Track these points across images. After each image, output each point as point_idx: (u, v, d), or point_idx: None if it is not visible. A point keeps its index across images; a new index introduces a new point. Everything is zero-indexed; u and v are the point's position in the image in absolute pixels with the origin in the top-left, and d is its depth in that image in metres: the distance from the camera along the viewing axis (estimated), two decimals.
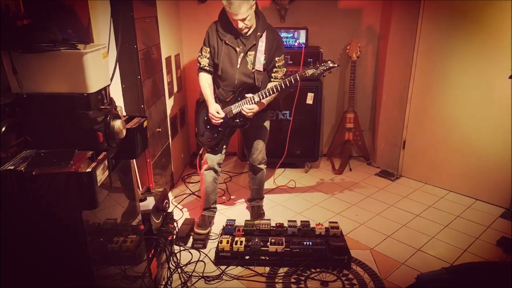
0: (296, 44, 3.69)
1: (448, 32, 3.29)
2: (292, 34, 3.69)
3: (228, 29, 2.50)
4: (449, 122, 3.45)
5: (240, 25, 2.41)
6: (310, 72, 2.47)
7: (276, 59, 2.59)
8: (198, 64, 2.66)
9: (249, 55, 2.54)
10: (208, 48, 2.60)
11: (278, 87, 2.50)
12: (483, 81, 3.16)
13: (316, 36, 3.93)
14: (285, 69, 2.65)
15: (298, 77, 2.47)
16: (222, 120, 2.61)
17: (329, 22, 3.91)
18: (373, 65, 4.07)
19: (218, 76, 2.62)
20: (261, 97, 2.53)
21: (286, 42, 3.68)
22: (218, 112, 2.59)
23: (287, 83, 2.48)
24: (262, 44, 2.53)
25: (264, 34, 2.54)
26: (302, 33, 3.68)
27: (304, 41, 3.68)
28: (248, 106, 2.55)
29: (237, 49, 2.53)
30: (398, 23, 3.61)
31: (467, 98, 3.29)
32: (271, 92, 2.51)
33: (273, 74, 2.64)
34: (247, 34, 2.52)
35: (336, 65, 2.49)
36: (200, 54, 2.64)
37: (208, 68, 2.64)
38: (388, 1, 3.71)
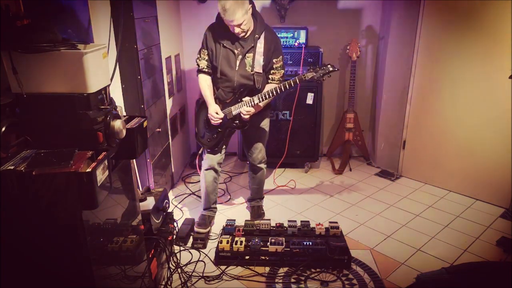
0: (296, 44, 3.69)
1: (448, 32, 3.29)
2: (292, 34, 3.69)
3: (226, 31, 2.48)
4: (449, 122, 3.45)
5: (237, 30, 2.40)
6: (309, 75, 2.46)
7: (274, 60, 2.58)
8: (197, 66, 2.66)
9: (247, 57, 2.53)
10: (206, 51, 2.59)
11: (278, 90, 2.49)
12: (483, 81, 3.16)
13: (316, 36, 3.93)
14: (283, 71, 2.64)
15: (297, 80, 2.46)
16: (221, 121, 2.61)
17: (329, 22, 3.91)
18: (373, 65, 4.08)
19: (218, 78, 2.61)
20: (260, 99, 2.53)
21: (286, 42, 3.68)
22: (217, 113, 2.58)
23: (287, 86, 2.47)
24: (260, 46, 2.52)
25: (262, 36, 2.53)
26: (302, 33, 3.68)
27: (304, 41, 3.68)
28: (245, 108, 2.54)
29: (235, 51, 2.52)
30: (398, 23, 3.61)
31: (467, 98, 3.29)
32: (270, 94, 2.50)
33: (270, 76, 2.63)
34: (245, 37, 2.51)
35: (335, 69, 2.48)
36: (198, 56, 2.64)
37: (207, 70, 2.63)
38: (388, 1, 3.71)
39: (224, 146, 2.80)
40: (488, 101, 3.16)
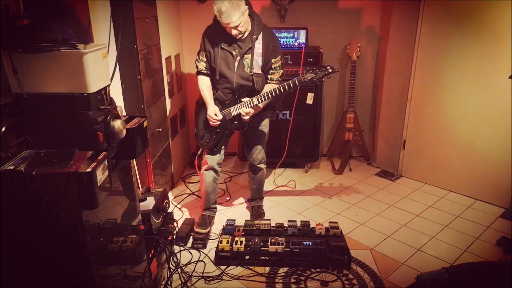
0: (296, 44, 3.69)
1: (448, 32, 3.29)
2: (292, 34, 3.69)
3: (223, 33, 2.47)
4: (449, 122, 3.45)
5: (234, 32, 2.40)
6: (309, 77, 2.46)
7: (273, 60, 2.57)
8: (196, 67, 2.66)
9: (246, 58, 2.53)
10: (204, 53, 2.59)
11: (277, 91, 2.48)
12: (483, 81, 3.16)
13: (316, 36, 3.93)
14: (282, 70, 2.63)
15: (297, 82, 2.45)
16: (219, 122, 2.61)
17: (329, 22, 3.91)
18: (373, 65, 4.07)
19: (217, 80, 2.61)
20: (259, 100, 2.52)
21: (286, 42, 3.68)
22: (216, 114, 2.58)
23: (286, 87, 2.46)
24: (258, 47, 2.51)
25: (260, 36, 2.52)
26: (302, 33, 3.68)
27: (304, 41, 3.68)
28: (245, 110, 2.54)
29: (233, 52, 2.51)
30: (398, 23, 3.61)
31: (467, 98, 3.29)
32: (269, 95, 2.50)
33: (269, 76, 2.62)
34: (243, 38, 2.50)
35: (335, 70, 2.48)
36: (197, 57, 2.64)
37: (205, 71, 2.64)
38: (388, 1, 3.71)
39: (223, 147, 2.80)
40: (488, 101, 3.16)
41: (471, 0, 3.10)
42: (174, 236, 2.56)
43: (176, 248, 2.63)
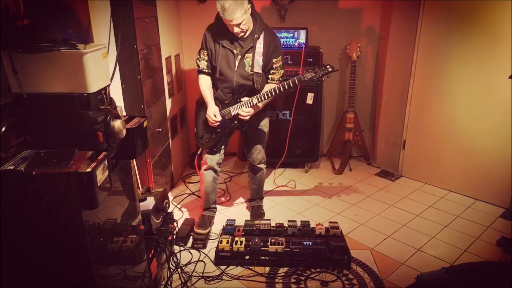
0: (296, 44, 3.69)
1: (448, 32, 3.29)
2: (292, 34, 3.69)
3: (225, 31, 2.47)
4: (449, 122, 3.45)
5: (236, 30, 2.40)
6: (308, 76, 2.46)
7: (273, 60, 2.57)
8: (197, 66, 2.66)
9: (247, 57, 2.53)
10: (206, 51, 2.59)
11: (277, 90, 2.49)
12: (483, 81, 3.16)
13: (316, 36, 3.93)
14: (282, 71, 2.63)
15: (296, 81, 2.46)
16: (218, 123, 2.61)
17: (329, 22, 3.91)
18: (373, 65, 4.07)
19: (217, 78, 2.61)
20: (259, 99, 2.53)
21: (286, 42, 3.68)
22: (215, 115, 2.58)
23: (286, 86, 2.47)
24: (260, 46, 2.52)
25: (262, 36, 2.52)
26: (302, 33, 3.68)
27: (304, 41, 3.68)
28: (244, 109, 2.54)
29: (235, 51, 2.51)
30: (398, 23, 3.61)
31: (467, 98, 3.29)
32: (269, 95, 2.51)
33: (270, 76, 2.63)
34: (244, 37, 2.51)
35: (335, 70, 2.49)
36: (198, 56, 2.64)
37: (206, 70, 2.63)
38: (388, 1, 3.71)
39: (223, 147, 2.80)
40: (488, 101, 3.16)
41: (471, 0, 3.10)
42: (174, 236, 2.56)
43: (176, 248, 2.63)
